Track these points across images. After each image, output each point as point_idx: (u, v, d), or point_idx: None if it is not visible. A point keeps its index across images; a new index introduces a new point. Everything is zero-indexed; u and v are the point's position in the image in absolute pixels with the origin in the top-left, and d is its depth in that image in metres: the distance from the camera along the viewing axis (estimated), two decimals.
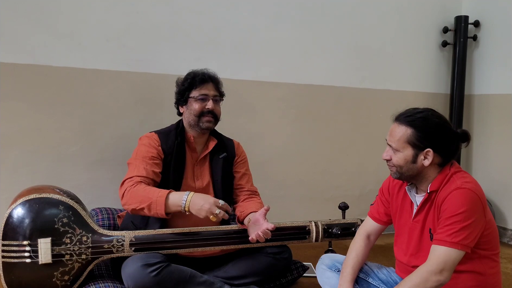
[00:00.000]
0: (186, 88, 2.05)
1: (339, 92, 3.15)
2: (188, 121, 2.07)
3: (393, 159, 1.59)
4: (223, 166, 2.12)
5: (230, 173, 2.16)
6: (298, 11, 2.97)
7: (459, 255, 1.45)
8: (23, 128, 2.35)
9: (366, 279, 1.74)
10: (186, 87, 2.05)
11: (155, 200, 1.81)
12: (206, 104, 2.04)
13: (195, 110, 2.03)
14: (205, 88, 2.05)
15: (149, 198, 1.81)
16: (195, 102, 2.04)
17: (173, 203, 1.83)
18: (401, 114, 1.59)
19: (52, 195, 1.83)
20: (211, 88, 2.07)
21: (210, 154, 2.12)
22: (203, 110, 2.03)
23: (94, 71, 2.47)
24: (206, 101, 2.04)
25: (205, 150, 2.11)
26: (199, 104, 2.03)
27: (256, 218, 1.92)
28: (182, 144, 2.06)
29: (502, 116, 3.25)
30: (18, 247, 1.75)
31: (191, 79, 2.06)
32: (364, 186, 3.29)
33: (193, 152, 2.10)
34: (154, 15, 2.58)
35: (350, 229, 2.21)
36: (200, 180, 2.08)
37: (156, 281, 1.77)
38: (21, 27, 2.31)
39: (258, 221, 1.90)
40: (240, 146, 2.26)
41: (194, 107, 2.03)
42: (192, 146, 2.09)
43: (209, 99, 2.05)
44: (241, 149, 2.24)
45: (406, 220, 1.67)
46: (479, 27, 3.38)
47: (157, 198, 1.81)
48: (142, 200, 1.82)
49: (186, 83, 2.06)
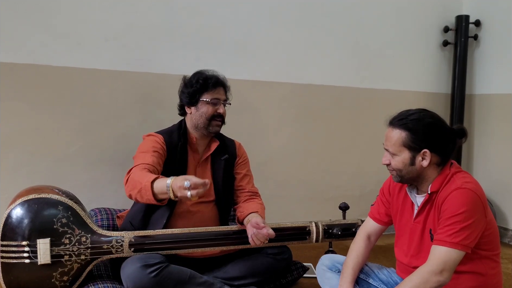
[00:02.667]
0: (198, 90, 2.01)
1: (339, 92, 3.14)
2: (195, 123, 2.04)
3: (392, 164, 1.58)
4: (225, 167, 2.11)
5: (231, 175, 2.15)
6: (298, 11, 2.96)
7: (460, 255, 1.45)
8: (23, 128, 2.35)
9: (367, 280, 1.74)
10: (198, 88, 2.01)
11: (144, 185, 1.71)
12: (218, 108, 2.03)
13: (207, 113, 2.01)
14: (217, 92, 2.04)
15: (140, 183, 1.73)
16: (207, 105, 2.01)
17: (159, 191, 1.70)
18: (394, 118, 1.59)
19: (51, 195, 1.82)
20: (222, 92, 2.06)
21: (212, 156, 2.11)
22: (214, 113, 2.02)
23: (94, 71, 2.46)
24: (218, 105, 2.03)
25: (207, 151, 2.10)
26: (211, 108, 2.01)
27: (256, 222, 1.89)
28: (184, 146, 2.05)
29: (503, 116, 3.24)
30: (17, 248, 1.75)
31: (204, 80, 2.02)
32: (365, 186, 3.28)
33: (195, 154, 2.09)
34: (153, 15, 2.58)
35: (351, 229, 2.20)
36: None
37: (156, 282, 1.76)
38: (21, 27, 2.30)
39: (258, 226, 1.88)
40: (242, 147, 2.25)
41: (206, 110, 2.01)
42: (194, 148, 2.08)
43: (220, 103, 2.04)
44: (242, 150, 2.23)
45: (407, 220, 1.67)
46: (480, 26, 3.38)
47: (145, 183, 1.71)
48: (134, 185, 1.75)
49: (198, 85, 2.02)
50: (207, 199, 2.06)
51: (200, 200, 2.00)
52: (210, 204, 2.08)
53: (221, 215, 2.11)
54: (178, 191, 1.63)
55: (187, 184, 1.61)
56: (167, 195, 1.68)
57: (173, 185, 1.64)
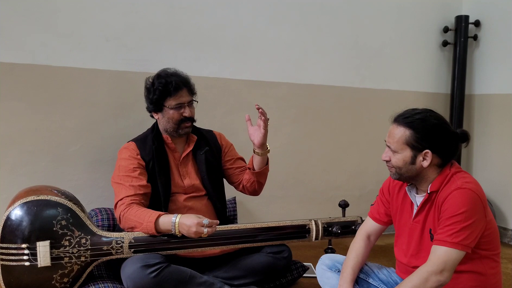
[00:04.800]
0: (160, 97, 1.98)
1: (339, 92, 3.14)
2: (164, 127, 2.04)
3: (392, 160, 1.58)
4: (207, 160, 2.11)
5: (217, 167, 2.15)
6: (298, 10, 2.96)
7: (460, 255, 1.45)
8: (22, 128, 2.34)
9: (366, 280, 1.74)
10: (159, 95, 1.98)
11: (146, 225, 1.82)
12: (183, 111, 2.00)
13: (173, 119, 2.00)
14: (180, 95, 1.99)
15: (140, 223, 1.83)
16: (171, 110, 1.99)
17: (164, 228, 1.84)
18: (400, 115, 1.59)
19: (50, 197, 1.82)
20: (186, 94, 2.02)
21: (193, 151, 2.11)
22: (181, 117, 2.00)
23: (94, 71, 2.46)
24: (183, 108, 2.00)
25: (187, 148, 2.10)
26: (176, 113, 1.99)
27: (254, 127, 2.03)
28: (160, 148, 2.04)
29: (503, 116, 3.24)
30: (17, 250, 1.74)
31: (163, 87, 1.97)
32: (364, 186, 3.28)
33: (174, 153, 2.09)
34: (154, 15, 2.58)
35: (350, 227, 2.20)
36: (188, 179, 2.07)
37: (156, 282, 1.76)
38: (21, 27, 2.30)
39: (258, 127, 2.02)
40: (222, 135, 2.25)
41: (172, 116, 2.00)
42: (171, 147, 2.07)
43: (185, 106, 2.01)
44: (224, 139, 2.24)
45: (406, 220, 1.67)
46: (479, 26, 3.38)
47: (147, 223, 1.82)
48: (135, 225, 1.85)
49: (158, 91, 1.97)
50: (198, 194, 2.08)
51: (191, 194, 2.03)
52: (203, 199, 2.09)
53: (217, 208, 2.11)
54: (194, 227, 1.76)
55: (206, 222, 1.77)
56: (171, 231, 1.82)
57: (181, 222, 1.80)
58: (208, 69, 2.72)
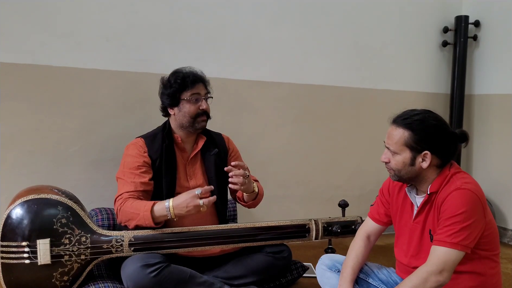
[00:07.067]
0: (177, 90, 2.01)
1: (339, 92, 3.15)
2: (180, 122, 2.04)
3: (391, 162, 1.58)
4: (216, 162, 2.12)
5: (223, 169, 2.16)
6: (298, 11, 2.96)
7: (459, 255, 1.45)
8: (23, 128, 2.34)
9: (366, 280, 1.74)
10: (177, 88, 2.01)
11: (142, 215, 1.83)
12: (200, 104, 2.03)
13: (190, 111, 2.01)
14: (197, 88, 2.03)
15: (136, 214, 1.84)
16: (188, 103, 2.01)
17: (159, 214, 1.85)
18: (399, 117, 1.59)
19: (50, 196, 1.82)
20: (202, 87, 2.06)
21: (201, 152, 2.12)
22: (198, 111, 2.02)
23: (94, 71, 2.46)
24: (200, 101, 2.03)
25: (195, 148, 2.10)
26: (193, 105, 2.02)
27: None
28: (170, 146, 2.05)
29: (503, 116, 3.25)
30: (17, 248, 1.75)
31: (182, 79, 2.01)
32: (364, 186, 3.28)
33: (183, 152, 2.09)
34: (154, 14, 2.58)
35: (350, 227, 2.20)
36: (193, 179, 2.08)
37: (156, 282, 1.77)
38: (21, 27, 2.30)
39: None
40: (230, 140, 2.26)
41: (189, 109, 2.01)
42: (181, 147, 2.08)
43: (202, 99, 2.04)
44: (232, 143, 2.25)
45: (407, 221, 1.67)
46: (479, 27, 3.38)
47: (143, 212, 1.83)
48: (131, 216, 1.86)
49: (177, 84, 2.01)
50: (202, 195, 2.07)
51: None
52: None
53: (219, 210, 2.11)
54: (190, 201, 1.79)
55: (198, 192, 1.79)
56: (167, 216, 1.84)
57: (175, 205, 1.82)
58: (208, 69, 2.71)
